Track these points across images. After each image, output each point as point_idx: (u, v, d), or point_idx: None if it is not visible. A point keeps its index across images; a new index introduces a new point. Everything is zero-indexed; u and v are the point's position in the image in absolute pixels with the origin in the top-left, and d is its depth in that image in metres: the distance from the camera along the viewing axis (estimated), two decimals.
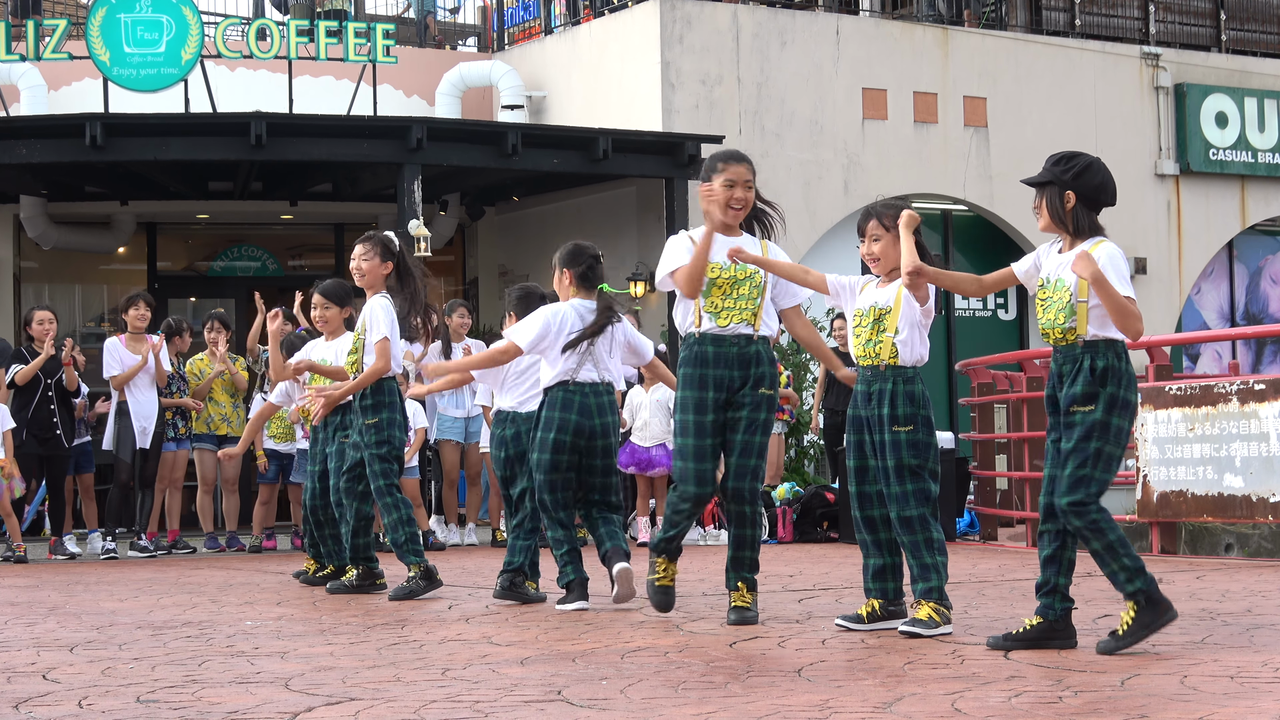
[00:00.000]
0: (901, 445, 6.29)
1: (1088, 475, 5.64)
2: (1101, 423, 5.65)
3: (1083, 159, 5.84)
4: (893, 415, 6.31)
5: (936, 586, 6.22)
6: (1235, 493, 10.21)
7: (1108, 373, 5.68)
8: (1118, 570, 5.58)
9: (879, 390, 6.34)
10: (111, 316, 18.40)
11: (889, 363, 6.33)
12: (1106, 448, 5.66)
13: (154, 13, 16.10)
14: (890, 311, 6.33)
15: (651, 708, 4.50)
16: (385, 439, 8.44)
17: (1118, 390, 5.67)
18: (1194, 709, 4.30)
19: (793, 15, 17.98)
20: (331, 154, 15.75)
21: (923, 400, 6.37)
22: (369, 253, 8.60)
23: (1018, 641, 5.66)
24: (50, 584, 9.91)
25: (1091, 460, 5.65)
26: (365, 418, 8.46)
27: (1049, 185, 5.81)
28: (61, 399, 12.63)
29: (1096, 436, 5.65)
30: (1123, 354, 5.72)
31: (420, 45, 20.07)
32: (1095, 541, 5.60)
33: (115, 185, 17.70)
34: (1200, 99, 20.14)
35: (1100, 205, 5.82)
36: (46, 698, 4.92)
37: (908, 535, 6.29)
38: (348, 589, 8.72)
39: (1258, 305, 21.22)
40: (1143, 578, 5.56)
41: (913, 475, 6.29)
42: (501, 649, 5.99)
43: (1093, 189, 5.78)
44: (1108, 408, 5.66)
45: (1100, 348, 5.70)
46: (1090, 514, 5.61)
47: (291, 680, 5.20)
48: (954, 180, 18.60)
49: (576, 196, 18.50)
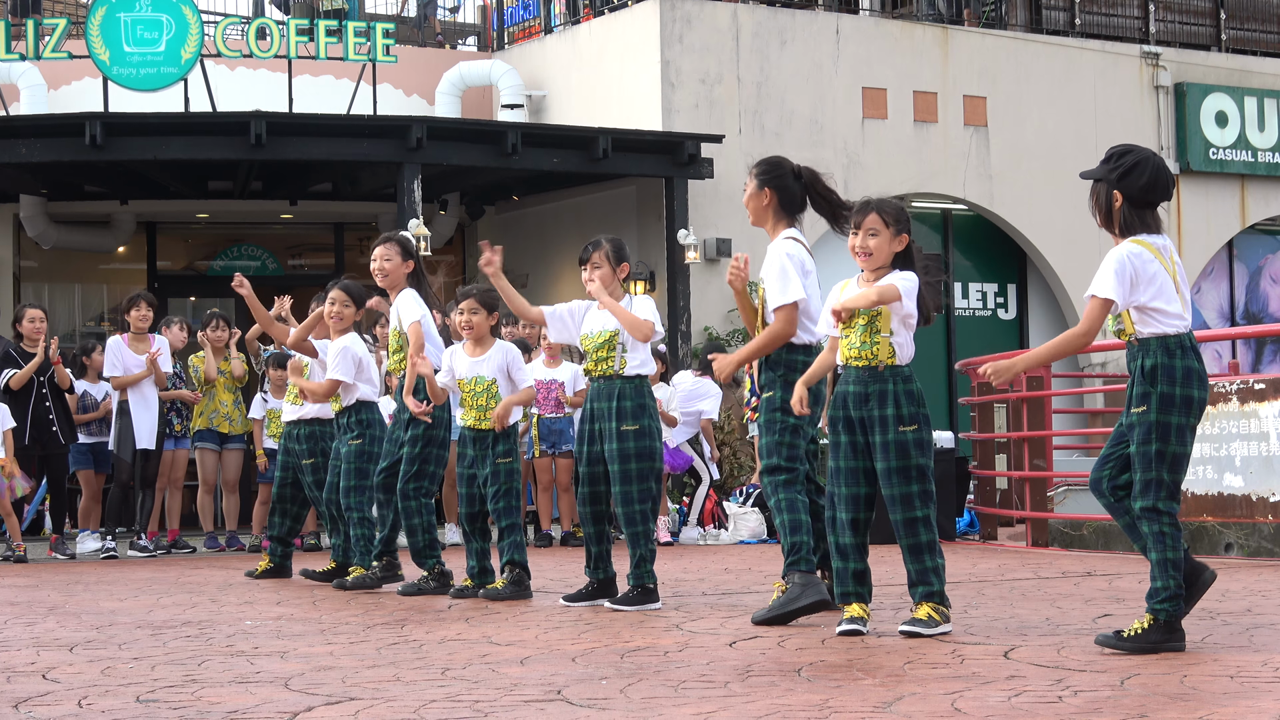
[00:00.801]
0: (909, 445, 6.23)
1: (1153, 479, 5.61)
2: (1158, 423, 5.61)
3: (1131, 157, 5.76)
4: (898, 415, 6.23)
5: (938, 590, 6.20)
6: (1235, 492, 10.21)
7: (1156, 371, 5.64)
8: (1160, 588, 5.58)
9: (878, 391, 6.26)
10: (111, 316, 18.40)
11: (887, 363, 6.26)
12: (1168, 448, 5.62)
13: (154, 12, 16.10)
14: (882, 313, 6.26)
15: (651, 707, 4.50)
16: (430, 437, 8.60)
17: (1171, 388, 5.62)
18: (1194, 709, 4.30)
19: (792, 14, 17.97)
20: (331, 153, 15.75)
21: (921, 398, 6.35)
22: (390, 253, 8.75)
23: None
24: (50, 584, 9.91)
25: (1155, 462, 5.61)
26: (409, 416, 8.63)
27: (1099, 183, 5.78)
28: (56, 396, 12.62)
29: (1156, 438, 5.61)
30: (1175, 349, 5.64)
31: (421, 43, 20.06)
32: (1154, 551, 5.61)
33: (115, 184, 17.70)
34: (1200, 98, 20.13)
35: (1152, 203, 5.76)
36: (46, 697, 4.92)
37: (911, 537, 6.20)
38: (420, 589, 8.63)
39: (1257, 304, 21.22)
40: (1175, 604, 5.56)
41: (919, 475, 6.24)
42: (501, 649, 5.99)
43: (1139, 189, 5.72)
44: (1161, 407, 5.62)
45: (1151, 346, 5.67)
46: (1162, 523, 5.60)
47: (291, 680, 5.19)
48: (954, 180, 18.60)
49: (576, 196, 18.50)
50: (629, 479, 7.53)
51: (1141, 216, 5.74)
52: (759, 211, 7.12)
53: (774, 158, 7.24)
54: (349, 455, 9.13)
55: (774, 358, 6.98)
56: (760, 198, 7.08)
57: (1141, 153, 5.78)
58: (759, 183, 7.09)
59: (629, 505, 7.54)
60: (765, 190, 7.07)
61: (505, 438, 8.26)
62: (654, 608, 7.43)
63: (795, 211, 7.10)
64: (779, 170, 7.10)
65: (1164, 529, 5.60)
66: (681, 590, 8.43)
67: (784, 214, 7.09)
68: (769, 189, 7.07)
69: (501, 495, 8.21)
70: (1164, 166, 5.80)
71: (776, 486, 6.94)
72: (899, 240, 6.34)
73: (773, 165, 7.14)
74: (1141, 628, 5.54)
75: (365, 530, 9.15)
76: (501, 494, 8.21)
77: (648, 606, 7.43)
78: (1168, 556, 5.58)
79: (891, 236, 6.32)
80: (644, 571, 7.51)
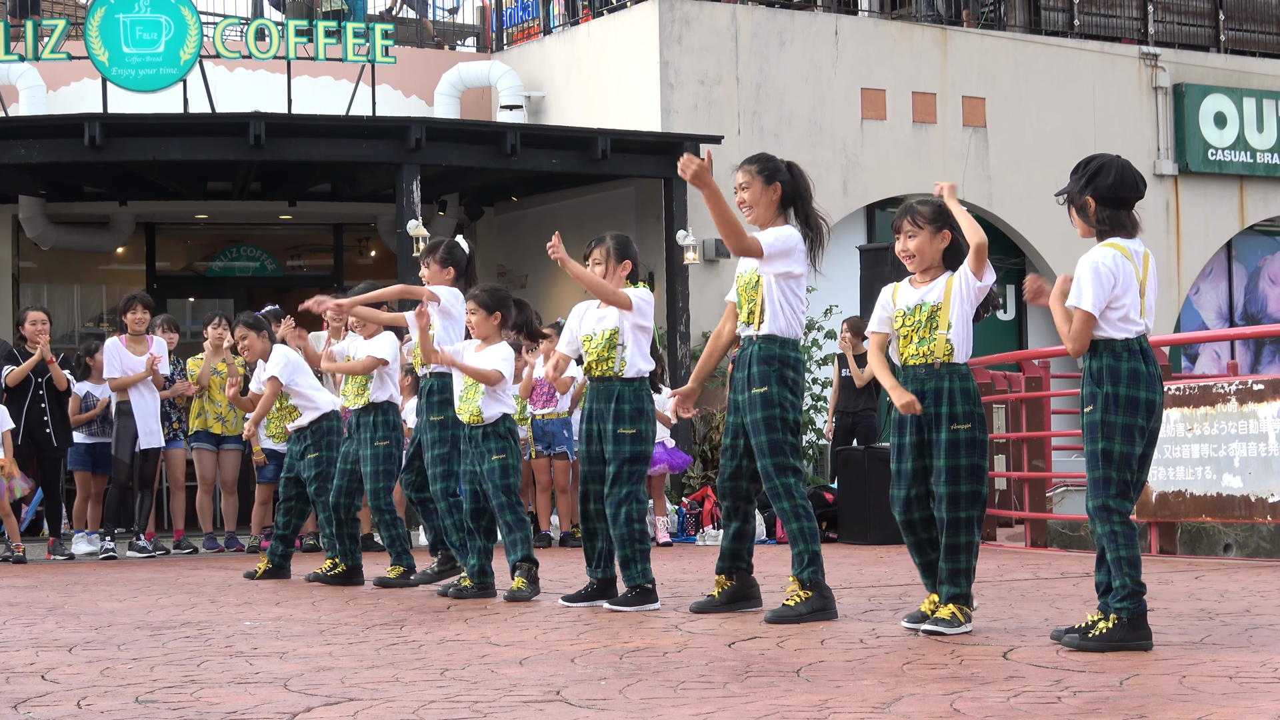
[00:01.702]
0: (960, 444, 6.22)
1: (1100, 477, 5.69)
2: (1103, 423, 5.69)
3: (1095, 162, 5.84)
4: (951, 413, 6.23)
5: (964, 593, 6.21)
6: (1234, 493, 10.21)
7: (1102, 372, 5.73)
8: (1119, 586, 5.61)
9: (934, 389, 6.25)
10: (110, 317, 18.39)
11: (944, 360, 6.26)
12: (1114, 447, 5.67)
13: (153, 13, 16.09)
14: (942, 307, 6.26)
15: (650, 708, 4.50)
16: (445, 438, 8.66)
17: (1116, 389, 5.69)
18: (1193, 709, 4.30)
19: (791, 15, 17.98)
20: (330, 154, 15.74)
21: (977, 397, 6.32)
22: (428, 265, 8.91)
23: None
24: (49, 584, 9.91)
25: (1101, 461, 5.68)
26: (431, 414, 8.67)
27: (1072, 197, 5.85)
28: (53, 398, 12.62)
29: (1102, 437, 5.68)
30: (1123, 352, 5.71)
31: (419, 44, 20.06)
32: (1110, 551, 5.66)
33: (114, 185, 17.69)
34: (1199, 99, 20.14)
35: (1126, 201, 5.81)
36: (45, 698, 4.92)
37: (952, 537, 6.21)
38: (463, 593, 8.56)
39: (1256, 305, 21.22)
40: (1136, 600, 5.61)
41: (970, 475, 6.24)
42: (500, 649, 5.99)
43: (1107, 188, 5.78)
44: (1106, 407, 5.69)
45: (1100, 348, 5.76)
46: (1113, 522, 5.66)
47: (290, 680, 5.19)
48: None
49: (575, 197, 18.50)
50: (620, 481, 7.54)
51: (1117, 218, 5.81)
52: (769, 206, 6.99)
53: (763, 154, 7.18)
54: (375, 457, 9.23)
55: (766, 351, 6.93)
56: (770, 192, 7.00)
57: (1105, 157, 5.87)
58: (765, 178, 6.98)
59: (616, 506, 7.56)
60: (776, 184, 7.01)
61: (497, 435, 8.25)
62: (653, 608, 7.43)
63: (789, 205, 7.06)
64: (776, 164, 7.07)
65: (1116, 528, 5.66)
66: (680, 591, 8.43)
67: (783, 209, 7.06)
68: (778, 182, 7.02)
69: (500, 493, 8.22)
70: (1130, 166, 5.87)
71: (789, 489, 6.90)
72: (941, 237, 6.38)
73: (769, 160, 7.09)
74: (1107, 628, 5.59)
75: (400, 530, 9.33)
76: (500, 491, 8.22)
77: (646, 607, 7.43)
78: (1122, 555, 5.63)
79: (932, 234, 6.37)
80: (638, 572, 7.50)
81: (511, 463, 8.29)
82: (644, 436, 7.61)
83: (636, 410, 7.58)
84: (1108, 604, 5.67)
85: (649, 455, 7.70)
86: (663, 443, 12.91)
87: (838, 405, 14.56)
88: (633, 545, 7.52)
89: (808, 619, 6.69)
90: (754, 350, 6.94)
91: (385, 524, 9.31)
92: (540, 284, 18.35)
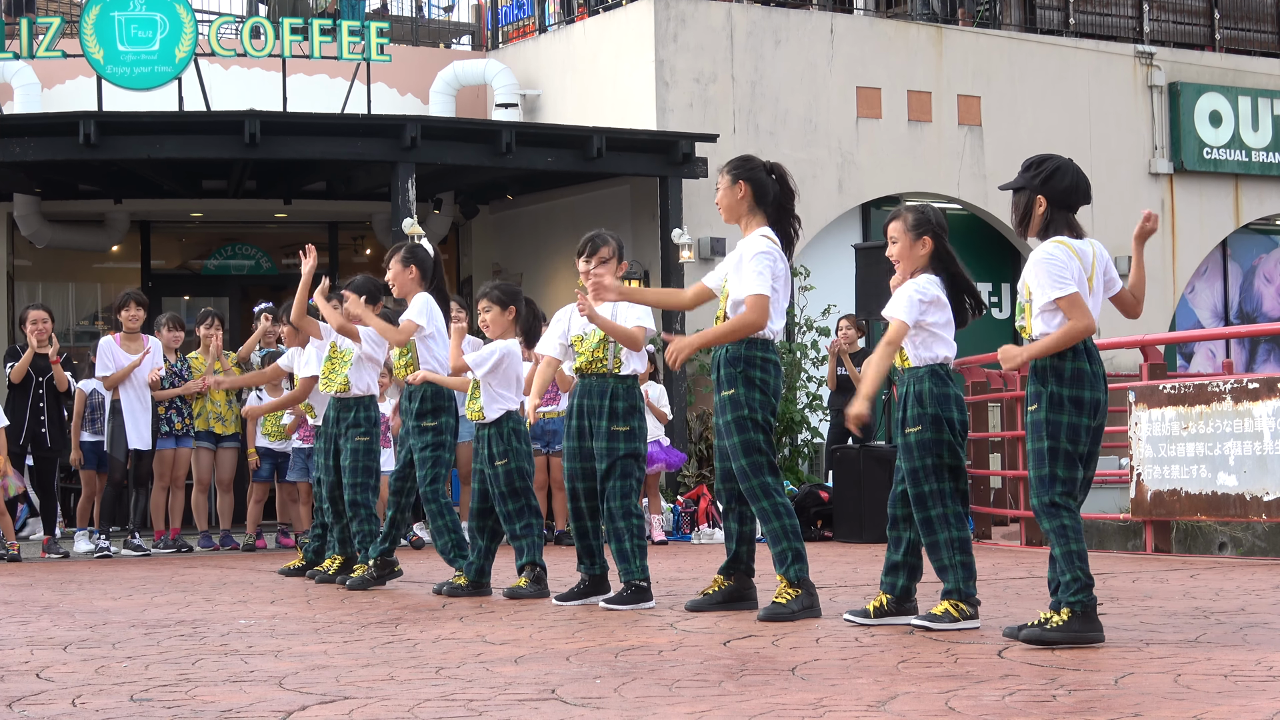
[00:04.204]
0: (912, 447, 6.37)
1: (1046, 474, 5.78)
2: (1047, 421, 5.77)
3: (1051, 163, 5.94)
4: (904, 418, 6.41)
5: (954, 588, 6.26)
6: (1229, 491, 10.22)
7: (1046, 371, 5.80)
8: (1069, 580, 5.69)
9: (901, 394, 6.47)
10: (105, 315, 18.38)
11: (904, 365, 6.44)
12: (1059, 445, 5.75)
13: (148, 11, 16.07)
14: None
15: (645, 706, 4.50)
16: (438, 443, 8.64)
17: (1059, 388, 5.76)
18: (1188, 708, 4.30)
19: (786, 14, 17.97)
20: (325, 152, 15.73)
21: (932, 398, 6.35)
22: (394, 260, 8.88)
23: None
24: (44, 583, 9.90)
25: (1047, 459, 5.77)
26: (424, 420, 8.65)
27: (1021, 191, 5.93)
28: (52, 398, 12.60)
29: (1046, 435, 5.76)
30: (1068, 351, 5.77)
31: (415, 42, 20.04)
32: (1057, 547, 5.73)
33: (109, 183, 17.67)
34: (1194, 98, 20.14)
35: (1073, 206, 5.96)
36: (40, 696, 4.91)
37: (928, 536, 6.38)
38: (458, 591, 8.49)
39: (1251, 304, 21.23)
40: (1088, 593, 5.68)
41: (926, 476, 6.33)
42: (495, 647, 5.99)
43: (1061, 192, 5.89)
44: (1050, 405, 5.76)
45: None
46: (1060, 518, 5.74)
47: (285, 679, 5.19)
48: (948, 179, 18.60)
49: (570, 195, 18.49)
50: (613, 477, 7.55)
51: (1064, 219, 5.90)
52: (734, 206, 7.04)
53: (741, 156, 7.23)
54: (356, 452, 9.17)
55: (733, 353, 6.91)
56: (735, 192, 7.02)
57: (1060, 159, 5.95)
58: (731, 178, 7.04)
59: (612, 502, 7.55)
60: (740, 184, 7.02)
61: (501, 438, 8.25)
62: (647, 606, 7.44)
63: (768, 205, 7.06)
64: (750, 164, 7.09)
65: (1064, 523, 5.73)
66: (675, 589, 8.43)
67: (758, 209, 7.04)
68: (743, 182, 7.03)
69: (506, 497, 8.21)
70: (1081, 172, 5.96)
71: (766, 488, 6.91)
72: (921, 244, 6.41)
73: (744, 160, 7.13)
74: (1061, 621, 5.66)
75: (372, 526, 9.18)
76: (506, 496, 8.21)
77: (641, 605, 7.44)
78: (1071, 549, 5.71)
79: (911, 242, 6.41)
80: (635, 567, 7.51)
81: (516, 467, 8.26)
82: (637, 433, 7.63)
83: (630, 407, 7.60)
84: (1059, 600, 5.73)
85: (644, 452, 7.73)
86: (658, 441, 12.91)
87: (833, 403, 14.55)
88: (631, 539, 7.52)
89: (799, 616, 6.72)
90: (721, 353, 6.97)
91: (362, 518, 9.17)
92: (534, 282, 18.33)
